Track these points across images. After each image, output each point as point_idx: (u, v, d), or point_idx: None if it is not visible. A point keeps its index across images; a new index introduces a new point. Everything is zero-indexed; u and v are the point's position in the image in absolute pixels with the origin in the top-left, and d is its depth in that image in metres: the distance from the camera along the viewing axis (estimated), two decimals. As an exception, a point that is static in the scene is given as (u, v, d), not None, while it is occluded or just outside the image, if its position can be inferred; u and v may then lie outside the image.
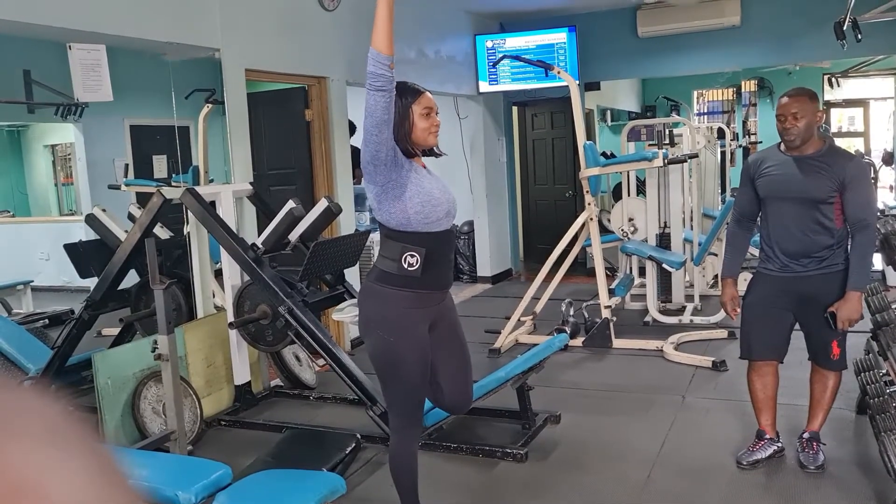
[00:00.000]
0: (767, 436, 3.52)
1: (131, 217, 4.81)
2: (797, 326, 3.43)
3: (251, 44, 4.94)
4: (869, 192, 3.39)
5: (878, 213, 3.74)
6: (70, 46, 3.88)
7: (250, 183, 4.81)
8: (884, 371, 3.51)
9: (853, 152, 5.11)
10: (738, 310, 3.52)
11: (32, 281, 5.72)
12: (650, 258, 6.06)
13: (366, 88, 2.47)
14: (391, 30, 2.45)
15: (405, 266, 2.55)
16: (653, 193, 6.58)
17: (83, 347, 4.44)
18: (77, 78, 3.90)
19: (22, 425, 0.38)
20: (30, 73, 4.29)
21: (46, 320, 5.34)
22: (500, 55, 7.11)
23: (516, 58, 6.47)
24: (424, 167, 2.70)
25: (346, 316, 3.88)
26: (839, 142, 10.97)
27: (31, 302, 5.69)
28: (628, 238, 6.56)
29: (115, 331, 4.81)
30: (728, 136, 9.20)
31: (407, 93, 2.62)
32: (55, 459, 0.37)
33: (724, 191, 8.92)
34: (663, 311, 6.34)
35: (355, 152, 7.09)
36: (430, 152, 2.73)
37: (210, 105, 5.18)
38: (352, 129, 6.87)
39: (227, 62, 4.73)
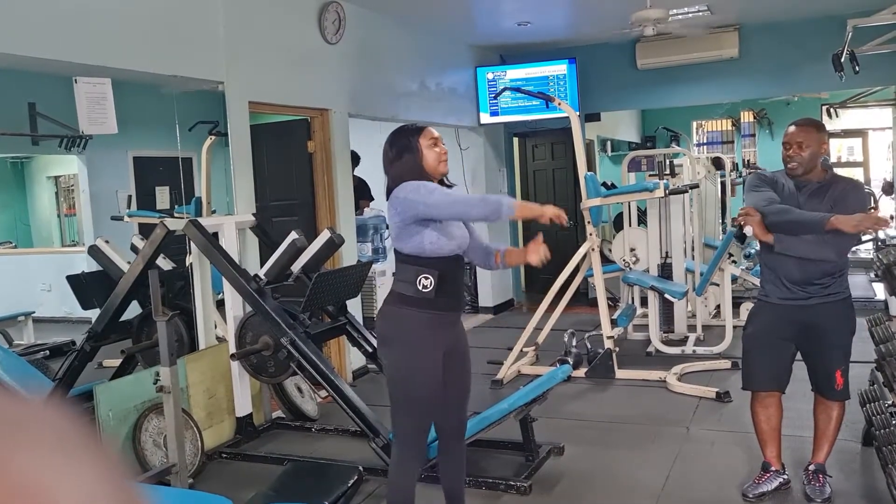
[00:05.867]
0: (773, 468, 3.50)
1: (134, 248, 4.82)
2: (798, 357, 3.43)
3: (255, 77, 4.98)
4: (858, 207, 3.33)
5: (880, 244, 3.74)
6: (76, 80, 3.92)
7: (253, 214, 4.83)
8: (889, 402, 3.49)
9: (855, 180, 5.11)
10: None
11: (34, 312, 5.71)
12: (652, 288, 6.06)
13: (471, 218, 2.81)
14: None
15: (420, 288, 2.68)
16: (654, 224, 6.60)
17: (84, 379, 4.43)
18: (82, 111, 3.93)
19: (33, 434, 0.39)
20: (35, 105, 4.32)
21: (47, 351, 5.33)
22: (502, 87, 7.18)
23: (517, 90, 6.53)
24: None
25: None
26: (839, 171, 10.98)
27: (33, 333, 5.67)
28: (630, 268, 6.56)
29: (116, 362, 4.79)
30: (728, 166, 9.25)
31: (412, 131, 2.81)
32: (65, 467, 0.38)
33: (724, 220, 8.94)
34: (666, 342, 6.32)
35: (359, 183, 7.16)
36: (440, 182, 2.85)
37: (213, 137, 5.22)
38: (356, 160, 6.91)
39: (230, 95, 4.77)
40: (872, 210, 8.70)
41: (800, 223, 3.19)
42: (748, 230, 3.29)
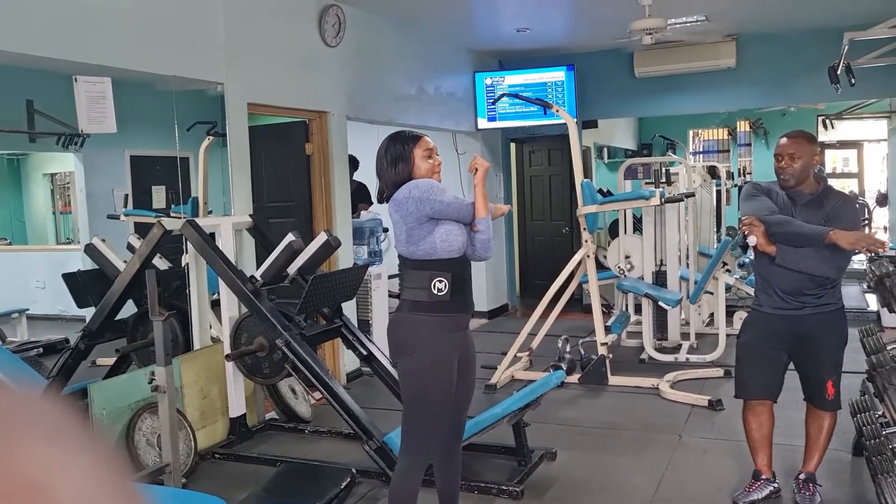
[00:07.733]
0: (764, 476, 3.52)
1: (130, 247, 4.82)
2: (791, 367, 3.45)
3: (254, 78, 4.99)
4: (852, 222, 3.36)
5: (873, 255, 3.75)
6: (76, 79, 3.93)
7: (250, 215, 4.83)
8: (880, 412, 3.51)
9: (847, 193, 5.15)
10: None
11: (28, 309, 5.70)
12: (646, 296, 6.08)
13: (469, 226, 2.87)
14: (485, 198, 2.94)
15: (435, 292, 2.71)
16: (649, 231, 6.62)
17: (78, 377, 4.42)
18: (82, 109, 3.94)
19: (30, 426, 0.39)
20: (33, 102, 4.32)
21: (41, 349, 5.31)
22: (500, 93, 7.19)
23: (516, 96, 6.54)
24: None
25: None
26: (833, 183, 11.03)
27: (27, 330, 5.66)
28: (625, 275, 6.58)
29: (110, 361, 4.79)
30: (723, 175, 9.28)
31: (408, 140, 2.83)
32: (62, 460, 0.38)
33: (719, 229, 8.97)
34: (659, 349, 6.34)
35: (359, 188, 7.16)
36: None
37: (211, 137, 5.22)
38: (354, 164, 6.92)
39: (229, 96, 4.78)
40: (865, 223, 8.74)
41: (800, 235, 3.21)
42: (751, 240, 3.29)
